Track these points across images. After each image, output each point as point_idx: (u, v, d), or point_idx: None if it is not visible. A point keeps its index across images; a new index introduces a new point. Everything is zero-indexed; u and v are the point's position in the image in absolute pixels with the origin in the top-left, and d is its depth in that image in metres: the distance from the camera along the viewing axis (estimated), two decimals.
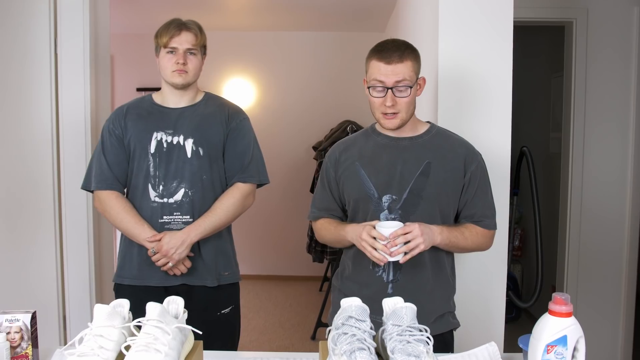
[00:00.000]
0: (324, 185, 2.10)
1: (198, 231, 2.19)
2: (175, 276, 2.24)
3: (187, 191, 2.22)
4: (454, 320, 2.05)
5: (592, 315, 3.71)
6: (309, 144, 5.81)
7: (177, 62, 2.21)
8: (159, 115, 2.28)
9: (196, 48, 2.24)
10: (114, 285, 2.33)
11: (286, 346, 4.39)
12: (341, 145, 2.09)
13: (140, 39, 6.00)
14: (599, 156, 3.77)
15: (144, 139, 2.24)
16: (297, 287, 6.06)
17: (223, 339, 2.28)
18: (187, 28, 2.24)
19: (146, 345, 1.27)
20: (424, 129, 2.02)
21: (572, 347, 1.32)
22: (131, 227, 2.20)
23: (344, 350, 1.27)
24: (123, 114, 2.30)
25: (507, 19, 2.48)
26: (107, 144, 2.28)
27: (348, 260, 2.05)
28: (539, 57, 5.05)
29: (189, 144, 2.24)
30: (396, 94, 1.86)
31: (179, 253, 2.16)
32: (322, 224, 2.10)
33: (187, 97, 2.31)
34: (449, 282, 2.04)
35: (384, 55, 1.85)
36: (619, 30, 3.70)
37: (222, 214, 2.24)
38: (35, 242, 2.98)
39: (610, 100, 3.74)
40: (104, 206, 2.26)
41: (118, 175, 2.26)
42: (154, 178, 2.22)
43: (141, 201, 2.24)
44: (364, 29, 5.86)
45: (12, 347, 1.48)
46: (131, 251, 2.28)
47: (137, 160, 2.25)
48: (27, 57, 2.93)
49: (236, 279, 2.39)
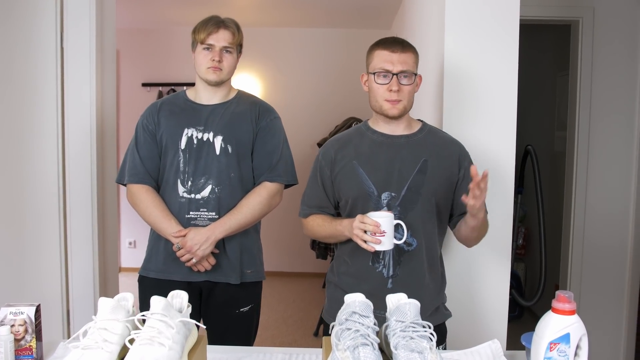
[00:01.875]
0: (317, 183, 2.11)
1: (223, 228, 2.20)
2: (199, 272, 2.25)
3: (214, 188, 2.23)
4: (446, 312, 2.10)
5: (595, 314, 3.70)
6: (314, 140, 5.81)
7: (213, 59, 2.21)
8: (191, 111, 2.29)
9: (232, 46, 2.25)
10: (139, 277, 2.35)
11: (289, 342, 4.41)
12: (336, 144, 2.09)
13: (146, 34, 6.02)
14: (604, 155, 3.76)
15: (175, 135, 2.26)
16: (300, 284, 6.07)
17: (239, 336, 2.30)
18: (225, 26, 2.25)
19: (150, 339, 1.27)
20: (417, 127, 2.06)
21: (575, 345, 1.32)
22: (159, 222, 2.22)
23: (347, 345, 1.27)
24: (157, 109, 2.32)
25: (513, 17, 2.47)
26: (141, 139, 2.30)
27: (345, 255, 2.06)
28: (544, 55, 5.04)
29: (218, 141, 2.25)
30: (401, 81, 1.91)
31: (202, 249, 2.17)
32: (314, 219, 2.11)
33: (220, 94, 2.32)
34: (441, 274, 2.09)
35: (389, 46, 1.92)
36: (625, 29, 3.69)
37: (247, 212, 2.24)
38: (40, 236, 2.99)
39: (615, 99, 3.73)
40: (135, 200, 2.28)
41: (150, 170, 2.29)
42: (184, 174, 2.24)
43: (170, 196, 2.26)
44: (369, 26, 5.86)
45: (16, 340, 1.48)
46: (158, 245, 2.30)
47: (168, 156, 2.27)
48: (33, 51, 2.94)
49: (260, 278, 2.39)
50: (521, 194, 4.56)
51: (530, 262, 5.20)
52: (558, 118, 4.68)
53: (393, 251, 1.94)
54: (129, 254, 6.26)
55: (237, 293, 2.30)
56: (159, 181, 2.31)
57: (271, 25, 6.07)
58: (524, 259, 5.27)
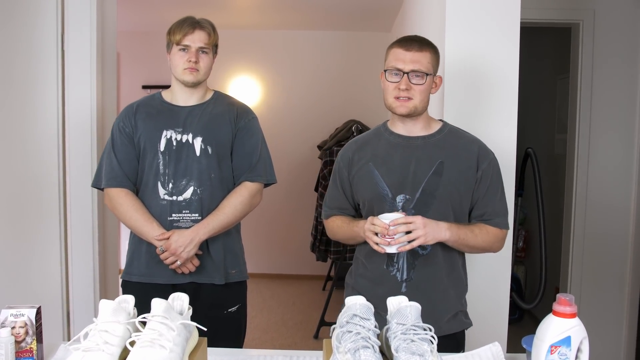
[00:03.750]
0: (337, 185, 2.10)
1: (206, 229, 2.20)
2: (183, 274, 2.24)
3: (196, 189, 2.22)
4: (466, 320, 2.04)
5: (596, 317, 3.70)
6: (314, 142, 5.81)
7: (189, 60, 2.21)
8: (169, 113, 2.29)
9: (208, 47, 2.25)
10: (122, 282, 2.34)
11: (289, 345, 4.40)
12: (354, 145, 2.09)
13: (146, 36, 6.02)
14: (604, 158, 3.76)
15: (154, 137, 2.25)
16: (300, 286, 6.07)
17: (228, 337, 2.28)
18: (201, 27, 2.24)
19: (151, 341, 1.27)
20: (436, 127, 2.02)
21: (576, 348, 1.32)
22: (140, 225, 2.21)
23: (348, 348, 1.27)
24: (133, 111, 2.31)
25: (514, 19, 2.48)
26: (118, 141, 2.29)
27: (362, 257, 2.05)
28: (544, 58, 5.04)
29: (198, 142, 2.24)
30: (411, 80, 1.88)
31: (187, 251, 2.16)
32: (335, 221, 2.11)
33: (197, 95, 2.31)
34: (461, 280, 2.04)
35: (404, 44, 1.90)
36: (626, 32, 3.69)
37: (229, 212, 2.24)
38: (40, 238, 2.99)
39: (616, 102, 3.73)
40: (114, 203, 2.27)
41: (128, 173, 2.27)
42: (164, 176, 2.23)
43: (151, 199, 2.24)
44: (370, 28, 5.86)
45: (16, 342, 1.48)
46: (140, 249, 2.28)
47: (147, 158, 2.25)
48: (34, 53, 2.94)
49: (244, 277, 2.39)
50: (521, 196, 4.55)
51: (530, 264, 5.20)
52: (558, 121, 4.68)
53: (407, 255, 1.92)
54: None
55: (223, 293, 2.30)
56: (137, 184, 2.30)
57: (271, 28, 6.07)
58: (524, 262, 5.26)
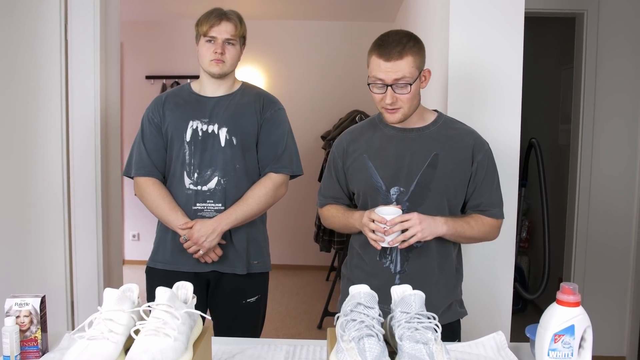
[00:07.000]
0: (331, 175, 2.10)
1: (229, 220, 2.21)
2: (206, 263, 2.26)
3: (220, 179, 2.24)
4: (461, 310, 2.05)
5: (599, 307, 3.71)
6: (318, 133, 5.81)
7: (215, 51, 2.22)
8: (196, 104, 2.30)
9: (235, 38, 2.25)
10: (146, 268, 2.37)
11: (293, 334, 4.42)
12: (348, 136, 2.08)
13: (150, 26, 6.01)
14: (608, 148, 3.76)
15: (180, 127, 2.27)
16: (304, 276, 6.08)
17: (245, 327, 2.31)
18: (227, 18, 2.24)
19: (155, 330, 1.28)
20: (431, 118, 2.00)
21: (580, 337, 1.32)
22: (165, 214, 2.24)
23: (352, 336, 1.27)
24: (162, 102, 2.33)
25: (518, 9, 2.47)
26: (147, 132, 2.32)
27: (357, 247, 2.05)
28: (548, 48, 5.02)
29: (223, 132, 2.25)
30: (396, 91, 1.83)
31: (209, 241, 2.18)
32: (329, 210, 2.11)
33: (225, 86, 2.32)
34: (456, 270, 2.03)
35: (383, 52, 1.81)
36: (630, 22, 3.67)
37: (253, 203, 2.25)
38: (45, 228, 3.00)
39: (620, 92, 3.72)
40: (142, 192, 2.30)
41: (156, 163, 2.30)
42: (190, 166, 2.25)
43: (177, 188, 2.27)
44: (373, 18, 5.84)
45: (21, 331, 1.49)
46: (165, 237, 2.31)
47: (174, 148, 2.28)
48: (37, 44, 2.94)
49: (266, 269, 2.40)
50: (525, 187, 4.54)
51: (533, 255, 5.20)
52: (562, 111, 4.67)
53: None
54: (132, 247, 6.28)
55: (244, 284, 2.31)
56: (166, 173, 2.32)
57: (275, 18, 6.06)
58: (528, 252, 5.27)
